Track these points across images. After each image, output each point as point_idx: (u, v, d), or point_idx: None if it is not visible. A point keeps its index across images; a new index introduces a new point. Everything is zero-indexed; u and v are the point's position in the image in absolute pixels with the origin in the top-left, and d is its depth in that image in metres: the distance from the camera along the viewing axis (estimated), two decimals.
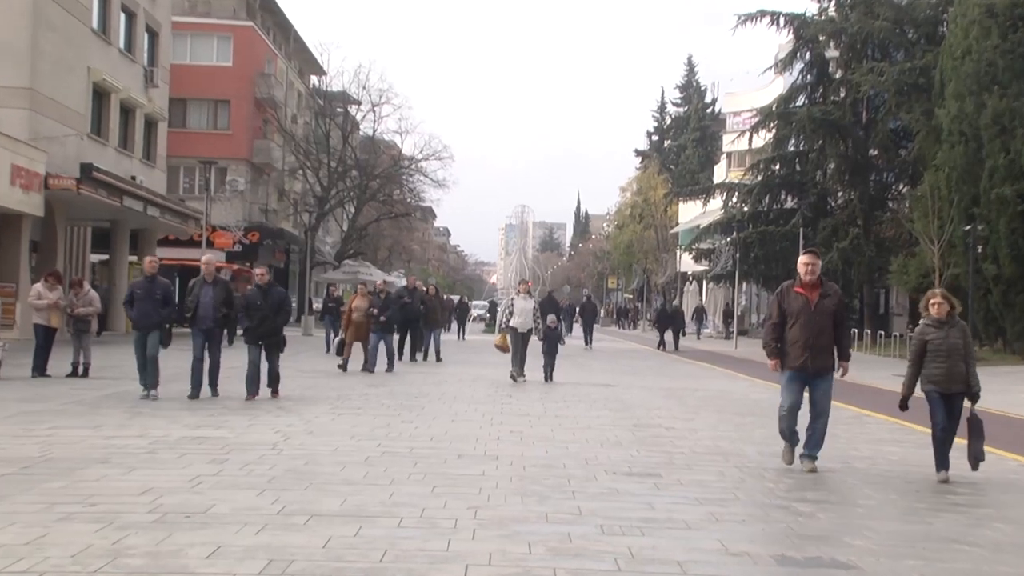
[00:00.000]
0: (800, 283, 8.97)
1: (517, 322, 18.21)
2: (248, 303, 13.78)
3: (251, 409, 12.45)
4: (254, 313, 13.66)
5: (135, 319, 13.62)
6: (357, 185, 54.81)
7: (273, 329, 13.71)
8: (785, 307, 8.97)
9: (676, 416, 13.42)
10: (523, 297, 18.51)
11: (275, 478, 7.75)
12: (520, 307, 18.27)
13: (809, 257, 8.97)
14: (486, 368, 21.92)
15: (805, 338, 8.81)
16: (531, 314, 18.24)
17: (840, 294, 9.17)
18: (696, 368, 25.67)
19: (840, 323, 8.95)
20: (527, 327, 18.22)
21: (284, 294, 14.08)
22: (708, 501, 7.42)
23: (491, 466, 8.68)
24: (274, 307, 13.71)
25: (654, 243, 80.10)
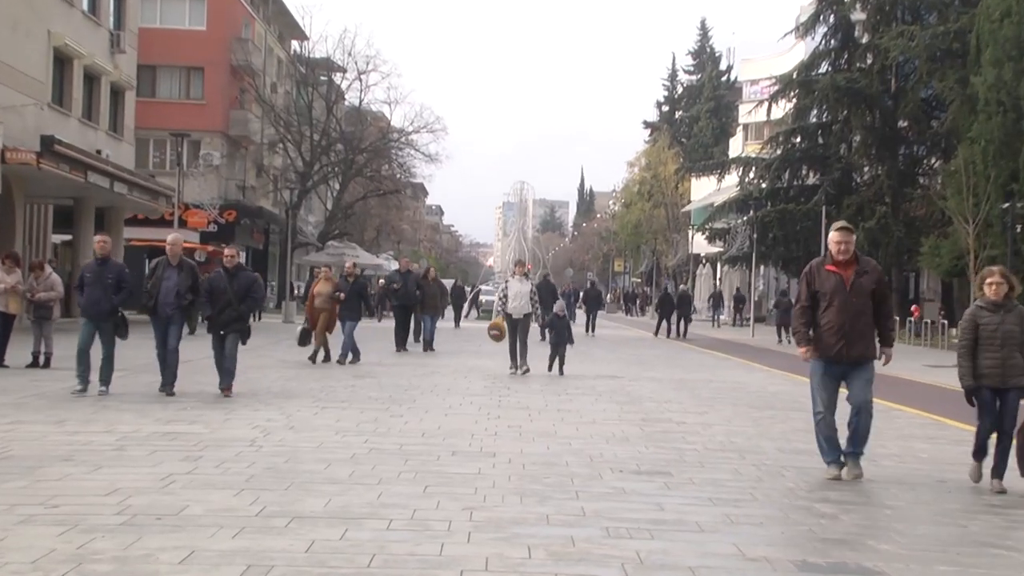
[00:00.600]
0: (832, 259, 8.49)
1: (512, 307, 17.99)
2: (212, 288, 13.34)
3: (227, 403, 12.45)
4: (218, 299, 13.24)
5: (84, 306, 12.98)
6: (342, 160, 54.73)
7: (236, 316, 13.21)
8: (816, 288, 8.46)
9: (688, 410, 13.43)
10: (519, 280, 18.23)
11: (254, 477, 7.75)
12: (515, 290, 18.04)
13: (841, 234, 8.45)
14: (481, 358, 21.93)
15: (840, 322, 8.32)
16: (528, 298, 18.04)
17: (879, 271, 8.67)
18: (709, 358, 25.70)
19: (881, 303, 8.48)
20: (523, 312, 17.98)
21: (253, 279, 13.66)
22: (723, 502, 7.43)
23: (487, 464, 8.68)
24: (240, 292, 13.25)
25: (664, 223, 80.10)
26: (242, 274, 13.52)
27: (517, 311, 17.98)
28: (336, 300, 19.30)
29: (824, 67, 43.65)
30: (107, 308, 12.88)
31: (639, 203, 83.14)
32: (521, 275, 18.36)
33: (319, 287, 19.57)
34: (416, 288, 23.35)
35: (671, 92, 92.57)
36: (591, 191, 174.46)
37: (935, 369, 21.90)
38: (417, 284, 23.55)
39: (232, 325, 13.22)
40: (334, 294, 19.32)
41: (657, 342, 33.07)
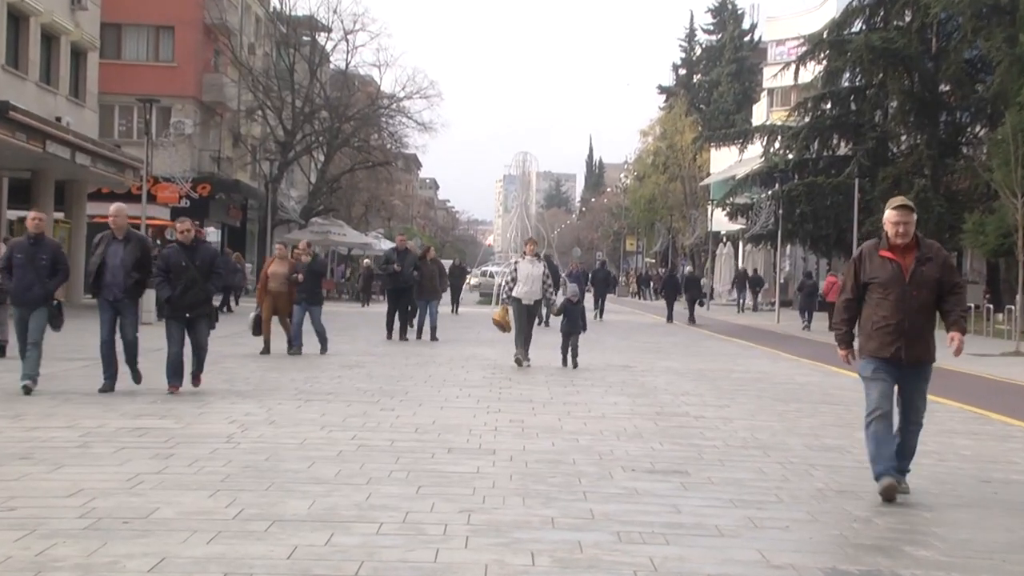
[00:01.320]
0: (888, 244, 7.88)
1: (522, 292, 17.32)
2: (168, 265, 12.60)
3: (201, 396, 12.46)
4: (177, 277, 12.53)
5: (13, 292, 12.34)
6: (327, 128, 54.64)
7: (202, 298, 12.61)
8: (867, 277, 7.87)
9: (707, 403, 13.44)
10: (529, 261, 17.55)
11: (230, 476, 7.76)
12: (525, 273, 17.33)
13: (899, 213, 7.79)
14: (480, 347, 21.95)
15: (898, 320, 7.71)
16: (540, 282, 17.32)
17: (946, 256, 8.01)
18: (730, 346, 25.71)
19: (950, 293, 7.84)
20: (533, 298, 17.39)
21: (215, 252, 13.10)
22: (745, 503, 7.43)
23: (487, 462, 8.69)
24: (203, 269, 12.59)
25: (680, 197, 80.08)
26: (203, 247, 12.88)
27: (528, 297, 17.33)
28: (293, 282, 18.64)
29: (858, 25, 43.49)
30: (40, 294, 12.20)
31: (653, 176, 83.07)
32: (532, 256, 17.71)
33: (273, 267, 18.84)
34: (413, 269, 22.73)
35: (688, 54, 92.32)
36: (600, 163, 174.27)
37: (979, 358, 21.90)
38: (415, 265, 22.92)
39: (200, 307, 12.63)
40: (291, 276, 18.63)
41: (675, 329, 33.08)
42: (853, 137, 43.84)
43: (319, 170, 57.05)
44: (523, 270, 17.43)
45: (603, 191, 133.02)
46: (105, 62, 41.56)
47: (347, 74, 56.06)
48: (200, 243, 12.91)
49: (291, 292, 18.77)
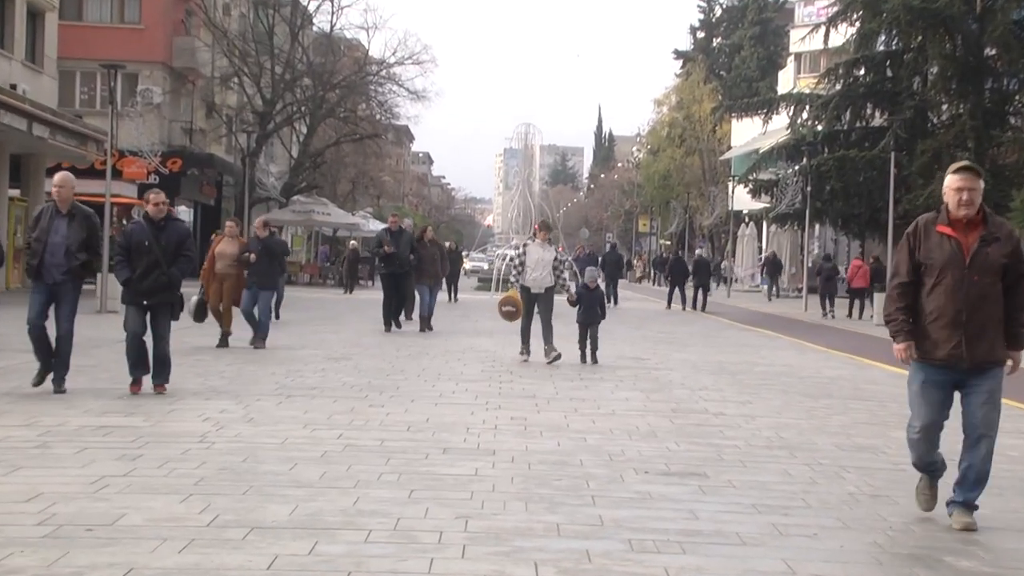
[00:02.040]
0: (948, 218, 7.15)
1: (531, 279, 17.13)
2: (130, 243, 12.05)
3: (171, 391, 12.45)
4: (138, 258, 11.96)
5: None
6: (310, 97, 54.57)
7: (165, 283, 12.02)
8: (921, 257, 7.14)
9: (727, 398, 13.44)
10: (540, 244, 17.30)
11: (204, 479, 7.77)
12: (535, 257, 17.10)
13: (965, 178, 7.06)
14: (479, 337, 21.96)
15: (955, 310, 7.00)
16: (550, 268, 17.10)
17: (1016, 238, 7.21)
18: (753, 336, 25.72)
19: (1016, 284, 7.08)
20: (543, 285, 17.13)
21: (186, 233, 12.48)
22: (769, 509, 7.44)
23: (486, 463, 8.70)
24: (169, 250, 12.01)
25: (699, 173, 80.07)
26: (172, 226, 12.29)
27: (537, 284, 17.11)
28: (244, 263, 18.02)
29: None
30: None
31: (668, 149, 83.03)
32: (544, 240, 17.44)
33: (221, 246, 18.16)
34: (410, 252, 22.29)
35: (708, 15, 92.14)
36: (610, 135, 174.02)
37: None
38: (412, 247, 22.47)
39: (160, 294, 12.04)
40: (242, 255, 18.06)
41: (692, 318, 33.07)
42: (889, 106, 43.75)
43: (301, 143, 56.98)
44: (533, 255, 17.14)
45: (613, 166, 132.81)
46: (65, 24, 41.48)
47: (332, 37, 55.97)
48: (170, 221, 12.38)
49: (240, 275, 18.05)
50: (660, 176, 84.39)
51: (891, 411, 12.75)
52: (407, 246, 22.23)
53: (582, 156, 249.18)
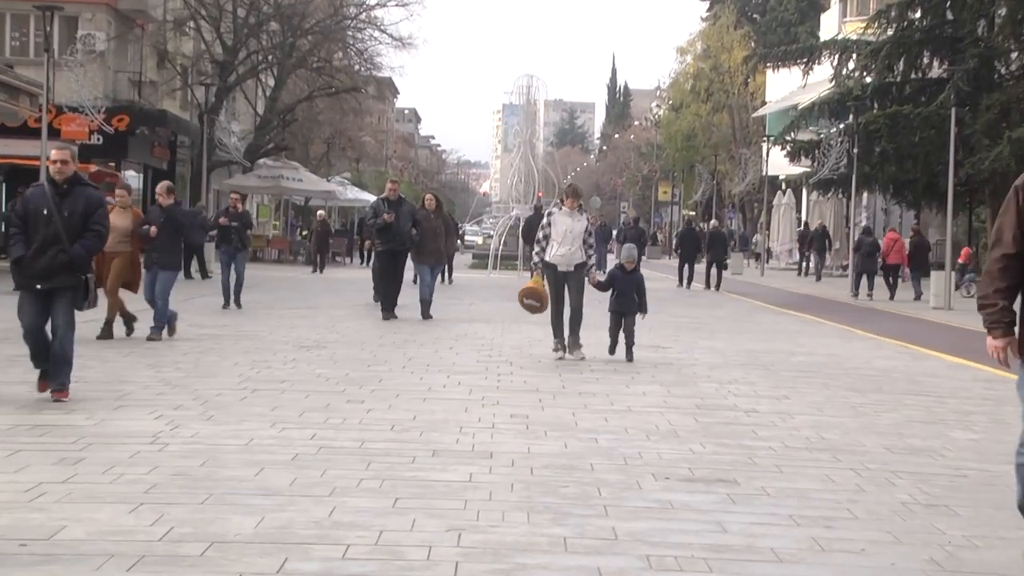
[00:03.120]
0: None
1: (558, 254, 16.20)
2: (27, 212, 11.17)
3: (118, 385, 12.45)
4: (35, 231, 11.07)
5: None
6: (278, 45, 54.44)
7: (64, 263, 11.06)
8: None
9: (761, 393, 13.45)
10: (567, 213, 16.31)
11: (157, 486, 7.77)
12: (563, 228, 16.16)
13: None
14: (475, 323, 21.97)
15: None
16: (581, 241, 16.23)
17: None
18: (791, 320, 25.72)
19: None
20: (573, 262, 16.22)
21: (98, 200, 11.51)
22: (809, 520, 7.45)
23: (482, 467, 8.70)
24: (73, 223, 11.10)
25: (728, 132, 79.93)
26: (79, 192, 11.29)
27: (565, 260, 16.19)
28: (143, 237, 17.07)
29: None
30: None
31: (693, 105, 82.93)
32: (573, 208, 16.37)
33: (112, 218, 15.70)
34: (412, 224, 21.64)
35: None
36: (626, 89, 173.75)
37: None
38: (412, 217, 21.73)
39: (58, 277, 11.08)
40: (140, 228, 17.12)
41: (722, 300, 33.08)
42: (949, 55, 43.64)
43: (268, 98, 56.89)
44: (560, 225, 16.25)
45: (629, 125, 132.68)
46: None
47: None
48: (78, 185, 11.36)
49: (135, 253, 17.10)
50: (683, 136, 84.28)
51: (950, 408, 12.76)
52: (408, 218, 21.61)
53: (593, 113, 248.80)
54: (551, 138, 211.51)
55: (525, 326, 20.73)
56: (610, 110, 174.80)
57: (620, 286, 16.43)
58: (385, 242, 21.67)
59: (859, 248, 35.81)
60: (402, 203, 21.84)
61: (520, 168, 48.82)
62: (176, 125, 52.05)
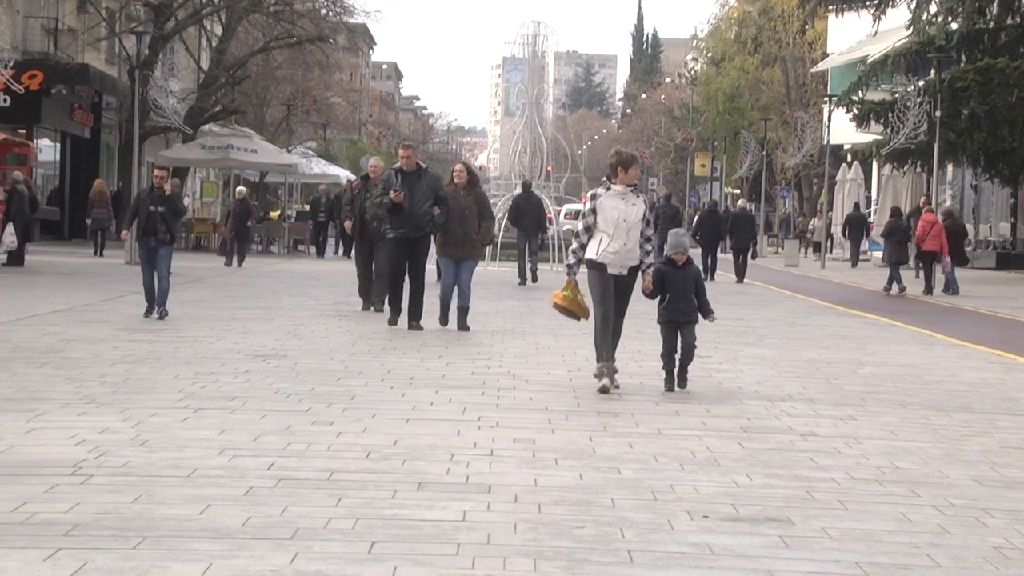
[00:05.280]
0: None
1: (609, 252, 14.48)
2: None
3: (30, 400, 12.45)
4: None
5: None
6: None
7: None
8: None
9: (821, 412, 13.45)
10: (619, 194, 14.65)
11: (79, 527, 7.78)
12: (614, 216, 14.47)
13: None
14: (471, 323, 21.96)
15: None
16: (639, 232, 14.65)
17: None
18: (859, 323, 25.69)
19: None
20: (628, 263, 14.62)
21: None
22: (880, 569, 7.46)
23: (478, 504, 8.71)
24: None
25: (781, 92, 79.74)
26: None
27: (618, 262, 14.53)
28: None
29: None
30: None
31: (738, 58, 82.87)
32: (627, 186, 14.74)
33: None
34: (433, 200, 20.30)
35: None
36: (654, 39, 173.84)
37: None
38: (435, 193, 20.41)
39: None
40: None
41: (773, 297, 33.06)
42: None
43: (215, 50, 56.88)
44: (609, 211, 14.57)
45: (658, 82, 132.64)
46: None
47: None
48: None
49: None
50: (725, 96, 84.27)
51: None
52: (428, 195, 20.24)
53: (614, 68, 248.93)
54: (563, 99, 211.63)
55: (530, 329, 20.75)
56: (635, 64, 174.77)
57: (672, 286, 14.66)
58: (396, 226, 20.34)
59: (891, 234, 35.83)
60: (421, 176, 20.47)
61: (524, 136, 48.76)
62: (101, 83, 52.09)
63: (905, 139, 45.70)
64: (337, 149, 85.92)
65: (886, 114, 47.51)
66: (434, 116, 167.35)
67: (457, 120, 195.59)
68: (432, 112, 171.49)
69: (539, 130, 49.18)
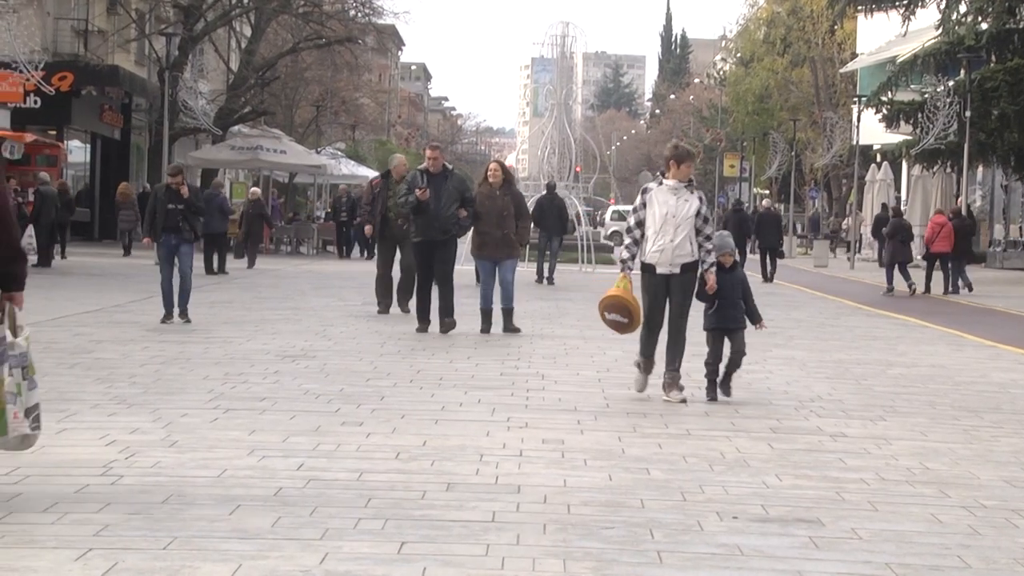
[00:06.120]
0: None
1: (655, 251, 13.89)
2: None
3: (62, 401, 12.49)
4: None
5: None
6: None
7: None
8: None
9: (850, 412, 13.42)
10: (671, 189, 14.00)
11: (109, 527, 7.80)
12: (664, 211, 13.85)
13: None
14: (497, 327, 21.93)
15: None
16: (693, 228, 13.94)
17: None
18: (889, 324, 25.62)
19: None
20: (680, 260, 13.93)
21: None
22: (911, 571, 7.45)
23: (507, 504, 8.71)
24: None
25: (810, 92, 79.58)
26: None
27: (667, 260, 13.91)
28: None
29: None
30: None
31: (767, 58, 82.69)
32: (681, 180, 14.08)
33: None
34: (460, 202, 19.88)
35: None
36: (683, 39, 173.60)
37: None
38: (461, 196, 19.99)
39: None
40: None
41: (804, 298, 32.99)
42: None
43: (244, 51, 56.95)
44: (659, 206, 13.95)
45: (687, 83, 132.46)
46: None
47: None
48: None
49: None
50: (755, 97, 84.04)
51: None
52: (454, 197, 19.83)
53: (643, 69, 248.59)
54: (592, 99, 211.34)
55: (559, 330, 20.74)
56: (664, 65, 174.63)
57: (720, 291, 14.05)
58: (420, 230, 19.96)
59: (895, 235, 35.75)
60: (448, 177, 20.06)
61: (553, 137, 48.75)
62: (130, 84, 52.18)
63: (935, 139, 45.58)
64: (366, 150, 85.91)
65: (916, 114, 47.39)
66: (462, 117, 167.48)
67: (486, 121, 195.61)
68: (460, 113, 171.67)
69: (567, 131, 49.15)
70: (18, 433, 8.52)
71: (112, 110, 52.19)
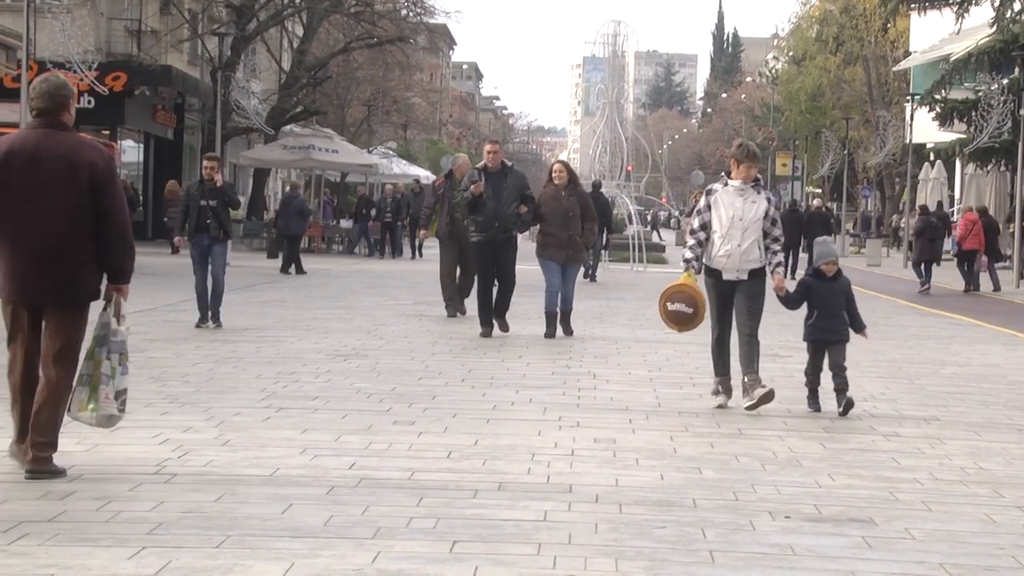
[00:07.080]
0: None
1: (721, 255, 13.30)
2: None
3: None
4: None
5: None
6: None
7: None
8: None
9: (904, 413, 13.37)
10: (737, 190, 13.43)
11: (162, 525, 7.83)
12: (730, 214, 13.30)
13: None
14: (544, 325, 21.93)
15: None
16: (760, 231, 13.43)
17: None
18: (942, 323, 25.50)
19: None
20: (748, 265, 13.38)
21: None
22: (965, 571, 7.42)
23: (559, 504, 8.71)
24: None
25: (863, 91, 79.20)
26: None
27: (733, 265, 13.32)
28: None
29: None
30: None
31: (819, 57, 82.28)
32: (746, 180, 13.46)
33: None
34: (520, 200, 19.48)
35: None
36: (735, 38, 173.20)
37: None
38: (521, 193, 19.59)
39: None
40: None
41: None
42: None
43: (296, 51, 57.04)
44: (725, 209, 13.40)
45: (739, 82, 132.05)
46: None
47: None
48: None
49: None
50: (807, 95, 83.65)
51: None
52: (513, 195, 19.45)
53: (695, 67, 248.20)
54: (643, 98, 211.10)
55: (611, 329, 20.73)
56: (716, 64, 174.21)
57: (820, 301, 13.44)
58: (481, 229, 19.56)
59: (922, 233, 35.66)
60: (507, 175, 19.68)
61: (605, 136, 48.74)
62: (183, 84, 52.38)
63: (988, 138, 45.30)
64: (417, 149, 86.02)
65: (969, 113, 47.13)
66: (514, 116, 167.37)
67: (537, 120, 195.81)
68: (512, 112, 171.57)
69: (619, 130, 49.14)
70: (106, 412, 9.27)
71: (165, 110, 52.38)
